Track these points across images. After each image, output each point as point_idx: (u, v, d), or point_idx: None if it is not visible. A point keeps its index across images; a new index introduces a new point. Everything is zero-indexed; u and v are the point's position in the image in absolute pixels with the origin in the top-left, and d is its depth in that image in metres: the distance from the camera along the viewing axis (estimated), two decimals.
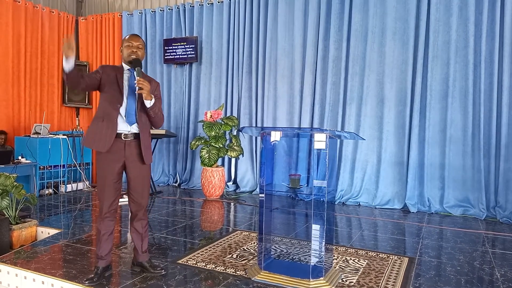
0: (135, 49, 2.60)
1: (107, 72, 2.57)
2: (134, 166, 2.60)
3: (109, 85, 2.54)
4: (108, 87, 2.54)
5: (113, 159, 2.55)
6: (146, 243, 2.77)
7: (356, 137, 2.87)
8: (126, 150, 2.56)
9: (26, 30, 6.32)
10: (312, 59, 5.56)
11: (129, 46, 2.59)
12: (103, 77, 2.55)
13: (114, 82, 2.56)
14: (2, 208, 3.65)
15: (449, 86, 4.86)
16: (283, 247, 3.36)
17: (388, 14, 5.12)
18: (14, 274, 2.85)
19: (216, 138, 5.50)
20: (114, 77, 2.56)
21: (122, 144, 2.55)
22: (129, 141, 2.57)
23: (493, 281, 2.77)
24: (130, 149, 2.57)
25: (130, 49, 2.59)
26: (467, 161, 4.82)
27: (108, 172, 2.55)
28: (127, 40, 2.62)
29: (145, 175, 2.67)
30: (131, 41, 2.61)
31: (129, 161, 2.58)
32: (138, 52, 2.60)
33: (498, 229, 4.22)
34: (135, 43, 2.61)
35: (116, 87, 2.55)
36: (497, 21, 4.60)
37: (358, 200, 5.30)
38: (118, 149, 2.54)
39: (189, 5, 6.50)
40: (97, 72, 2.56)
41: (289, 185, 2.83)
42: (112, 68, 2.63)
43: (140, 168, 2.62)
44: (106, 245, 2.66)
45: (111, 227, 2.66)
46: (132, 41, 2.61)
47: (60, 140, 5.99)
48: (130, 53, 2.58)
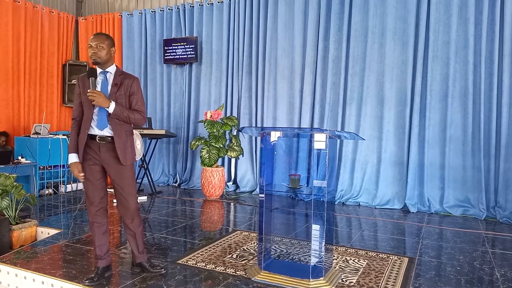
0: (95, 50, 2.49)
1: (82, 83, 2.56)
2: (113, 168, 2.59)
3: (84, 96, 2.52)
4: (84, 97, 2.52)
5: (90, 160, 2.56)
6: (141, 243, 2.75)
7: (356, 137, 2.87)
8: (101, 153, 2.56)
9: (26, 30, 6.32)
10: (312, 59, 5.56)
11: (89, 47, 2.51)
12: (81, 91, 2.55)
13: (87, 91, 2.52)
14: (2, 208, 3.65)
15: (449, 86, 4.86)
16: (283, 247, 3.36)
17: (388, 14, 5.12)
18: (14, 274, 2.85)
19: (216, 138, 5.50)
20: (88, 86, 2.51)
21: (97, 147, 2.55)
22: (103, 143, 2.55)
23: (493, 281, 2.77)
24: (105, 151, 2.56)
25: (90, 51, 2.51)
26: (467, 161, 4.82)
27: (88, 174, 2.58)
28: (89, 41, 2.53)
29: (125, 176, 2.61)
30: (90, 42, 2.52)
31: (106, 164, 2.59)
32: (98, 53, 2.49)
33: (498, 229, 4.22)
34: (94, 42, 2.49)
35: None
36: (497, 21, 4.60)
37: (358, 200, 5.30)
38: (93, 152, 2.55)
39: (189, 5, 6.50)
40: (77, 88, 2.58)
41: (289, 185, 2.83)
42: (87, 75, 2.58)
43: (118, 170, 2.59)
44: (102, 242, 2.66)
45: (104, 220, 2.67)
46: (92, 41, 2.51)
47: (60, 140, 5.99)
48: (91, 55, 2.51)
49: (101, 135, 2.55)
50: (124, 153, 2.58)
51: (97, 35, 2.55)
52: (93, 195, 2.61)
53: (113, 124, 2.54)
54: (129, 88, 2.60)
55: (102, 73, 2.58)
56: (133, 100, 2.62)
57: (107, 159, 2.57)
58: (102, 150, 2.56)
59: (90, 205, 2.63)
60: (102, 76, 2.57)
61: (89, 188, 2.60)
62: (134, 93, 2.61)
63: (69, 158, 2.56)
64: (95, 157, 2.56)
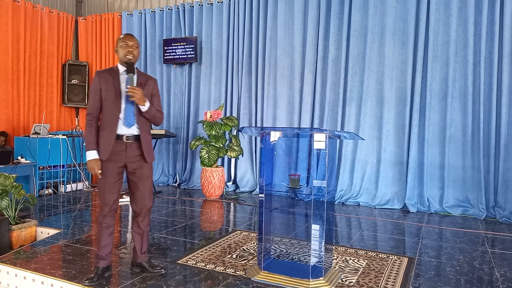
0: (131, 48, 2.60)
1: (105, 79, 2.57)
2: (136, 166, 2.63)
3: (108, 93, 2.55)
4: (107, 94, 2.55)
5: (114, 161, 2.56)
6: (146, 243, 2.78)
7: (356, 137, 2.87)
8: (128, 151, 2.59)
9: (26, 30, 6.32)
10: (312, 59, 5.56)
11: (124, 45, 2.59)
12: (102, 87, 2.56)
13: (111, 87, 2.56)
14: (1, 208, 3.65)
15: (449, 86, 4.87)
16: (282, 247, 3.36)
17: (388, 14, 5.12)
18: (14, 274, 2.85)
19: (216, 138, 5.50)
20: (111, 83, 2.56)
21: (124, 146, 2.58)
22: (130, 143, 2.59)
23: (492, 281, 2.78)
24: (131, 150, 2.60)
25: (126, 49, 2.59)
26: (466, 161, 4.82)
27: (109, 174, 2.57)
28: (122, 40, 2.62)
29: (148, 174, 2.68)
30: (126, 41, 2.60)
31: (130, 162, 2.61)
32: (134, 52, 2.60)
33: (498, 229, 4.22)
34: (130, 42, 2.61)
35: (113, 94, 2.55)
36: (497, 21, 4.61)
37: (358, 200, 5.30)
38: (119, 151, 2.57)
39: (189, 5, 6.50)
40: (96, 84, 2.57)
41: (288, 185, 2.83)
42: (108, 72, 2.62)
43: (142, 168, 2.65)
44: (107, 243, 2.66)
45: (112, 222, 2.68)
46: (127, 40, 2.61)
47: (59, 140, 5.99)
48: (126, 53, 2.58)
49: (128, 134, 2.58)
50: (148, 151, 2.66)
51: (130, 35, 2.67)
52: (109, 196, 2.59)
53: (140, 123, 2.61)
54: (152, 89, 2.71)
55: (126, 71, 2.61)
56: (154, 100, 2.71)
57: (133, 157, 2.61)
58: (129, 149, 2.59)
59: (104, 206, 2.61)
60: (126, 75, 2.61)
61: (107, 188, 2.58)
62: (155, 94, 2.73)
63: (88, 154, 2.54)
64: (120, 156, 2.57)
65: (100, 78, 2.58)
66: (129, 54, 2.58)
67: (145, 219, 2.72)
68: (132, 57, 2.59)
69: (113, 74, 2.60)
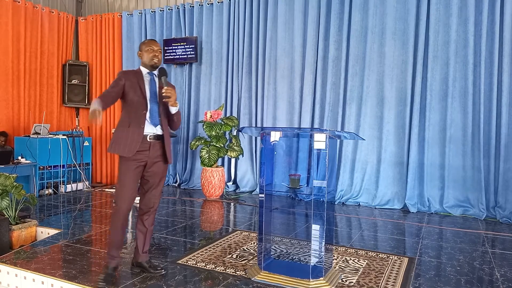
0: (156, 53, 2.68)
1: (130, 79, 2.62)
2: (156, 165, 2.67)
3: (132, 92, 2.60)
4: (131, 93, 2.60)
5: (138, 160, 2.60)
6: (148, 243, 2.79)
7: (356, 137, 2.87)
8: (151, 151, 2.63)
9: (26, 30, 6.32)
10: (312, 59, 5.56)
11: (150, 50, 2.67)
12: (126, 84, 2.60)
13: (137, 88, 2.62)
14: (2, 208, 3.65)
15: (449, 86, 4.87)
16: (283, 247, 3.36)
17: (388, 14, 5.12)
18: (14, 274, 2.85)
19: (216, 138, 5.50)
20: (136, 83, 2.62)
21: (147, 145, 2.61)
22: (153, 142, 2.64)
23: (493, 281, 2.77)
24: (154, 150, 2.64)
25: (152, 53, 2.67)
26: (467, 161, 4.82)
27: (132, 174, 2.60)
28: (148, 45, 2.69)
29: (163, 175, 2.75)
30: (152, 46, 2.68)
31: (151, 161, 2.64)
32: (159, 56, 2.70)
33: (498, 229, 4.22)
34: (156, 47, 2.69)
35: (139, 93, 2.61)
36: (497, 21, 4.60)
37: (358, 200, 5.30)
38: (143, 150, 2.60)
39: (189, 5, 6.50)
40: (119, 80, 2.60)
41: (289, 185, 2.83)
42: (132, 73, 2.68)
43: (160, 167, 2.70)
44: (121, 242, 2.68)
45: (127, 222, 2.72)
46: (153, 45, 2.69)
47: (60, 140, 5.99)
48: (152, 57, 2.66)
49: (153, 134, 2.63)
50: (169, 152, 2.72)
51: (154, 40, 2.75)
52: (131, 195, 2.60)
53: (163, 124, 2.68)
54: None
55: (149, 74, 2.71)
56: None
57: (155, 157, 2.65)
58: (152, 148, 2.63)
59: (122, 204, 2.59)
60: (149, 77, 2.70)
61: (130, 187, 2.60)
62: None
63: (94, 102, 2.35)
64: (143, 155, 2.60)
65: (124, 74, 2.65)
66: (155, 58, 2.67)
67: (150, 217, 2.76)
68: (157, 60, 2.68)
69: (137, 75, 2.67)
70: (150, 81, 2.68)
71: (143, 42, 2.75)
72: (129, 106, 2.62)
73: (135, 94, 2.60)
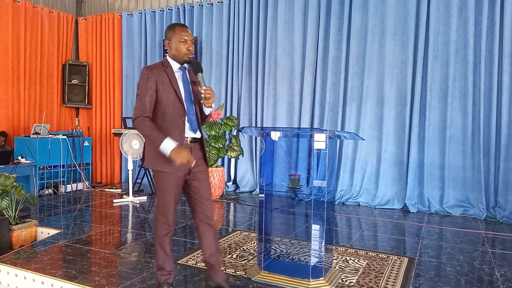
0: (191, 47, 2.26)
1: (160, 79, 2.21)
2: (199, 170, 2.34)
3: (165, 95, 2.21)
4: (165, 97, 2.21)
5: (180, 170, 2.24)
6: (221, 256, 2.46)
7: (356, 137, 2.87)
8: (192, 155, 2.27)
9: (26, 30, 6.31)
10: (312, 59, 5.56)
11: (184, 41, 2.23)
12: (159, 87, 2.20)
13: (170, 89, 2.22)
14: (2, 208, 3.65)
15: (449, 86, 4.87)
16: (283, 247, 3.36)
17: (388, 14, 5.12)
18: (14, 274, 2.85)
19: (216, 138, 5.50)
20: (169, 83, 2.22)
21: (188, 149, 2.25)
22: (193, 145, 2.32)
23: (493, 281, 2.77)
24: (194, 153, 2.31)
25: (185, 45, 2.24)
26: (467, 161, 4.82)
27: (175, 185, 2.27)
28: (179, 34, 2.23)
29: (208, 178, 2.42)
30: (186, 35, 2.23)
31: (195, 167, 2.31)
32: (192, 48, 2.27)
33: (498, 229, 4.22)
34: (189, 37, 2.25)
35: (174, 96, 2.22)
36: (497, 21, 4.60)
37: (358, 200, 5.30)
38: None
39: (189, 5, 6.50)
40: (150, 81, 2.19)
41: (289, 185, 2.83)
42: (161, 70, 2.24)
43: (204, 172, 2.38)
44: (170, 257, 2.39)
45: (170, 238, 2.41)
46: (186, 35, 2.23)
47: (60, 140, 5.99)
48: (187, 51, 2.24)
49: (191, 138, 2.30)
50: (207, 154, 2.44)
51: (186, 28, 2.28)
52: (172, 210, 2.30)
53: (201, 127, 2.38)
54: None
55: (181, 69, 2.31)
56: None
57: (197, 161, 2.33)
58: (193, 152, 2.30)
59: (166, 221, 2.29)
60: (181, 73, 2.30)
61: (173, 200, 2.28)
62: None
63: (166, 145, 2.10)
64: (185, 166, 2.23)
65: (155, 76, 2.20)
66: (189, 53, 2.25)
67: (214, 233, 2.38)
68: (191, 54, 2.26)
69: (167, 71, 2.24)
70: (182, 79, 2.27)
71: (172, 29, 2.25)
72: (163, 112, 2.21)
73: (169, 98, 2.20)
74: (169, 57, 2.30)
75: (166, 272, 2.39)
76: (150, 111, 2.20)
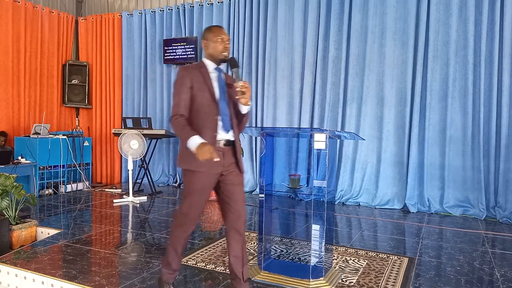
0: (227, 44, 2.28)
1: (196, 78, 2.21)
2: (233, 174, 2.28)
3: (200, 94, 2.20)
4: (199, 96, 2.20)
5: (211, 173, 2.21)
6: (246, 268, 2.32)
7: (356, 137, 2.87)
8: (225, 159, 2.24)
9: (26, 30, 6.32)
10: (312, 59, 5.56)
11: (220, 40, 2.25)
12: (194, 85, 2.20)
13: (205, 89, 2.21)
14: (2, 208, 3.65)
15: (449, 86, 4.87)
16: (283, 247, 3.36)
17: (388, 14, 5.12)
18: (14, 274, 2.85)
19: None
20: (204, 83, 2.22)
21: (221, 153, 2.21)
22: (226, 149, 2.25)
23: (493, 281, 2.77)
24: (227, 157, 2.26)
25: (223, 45, 2.26)
26: (467, 161, 4.82)
27: (205, 186, 2.23)
28: (217, 34, 2.26)
29: (242, 182, 2.34)
30: (222, 35, 2.26)
31: (227, 171, 2.25)
32: (229, 48, 2.31)
33: (498, 229, 4.22)
34: (226, 37, 2.28)
35: (208, 95, 2.21)
36: (497, 21, 4.61)
37: (358, 200, 5.30)
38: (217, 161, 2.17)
39: (189, 5, 6.50)
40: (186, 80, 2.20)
41: (289, 185, 2.83)
42: (197, 70, 2.25)
43: (238, 177, 2.30)
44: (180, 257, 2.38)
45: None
46: (223, 35, 2.27)
47: (60, 140, 5.99)
48: (223, 50, 2.26)
49: (224, 140, 2.24)
50: (241, 160, 2.36)
51: (222, 29, 2.31)
52: (198, 212, 2.27)
53: (235, 128, 2.30)
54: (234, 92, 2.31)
55: (217, 69, 2.31)
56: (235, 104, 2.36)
57: (229, 165, 2.26)
58: (226, 156, 2.24)
59: (189, 222, 2.25)
60: (216, 73, 2.29)
61: (200, 201, 2.25)
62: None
63: (193, 141, 2.06)
64: (218, 165, 2.18)
65: (190, 74, 2.21)
66: (226, 51, 2.27)
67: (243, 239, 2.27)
68: (228, 53, 2.29)
69: (202, 71, 2.25)
70: (218, 79, 2.27)
71: (210, 30, 2.29)
72: (197, 111, 2.20)
73: (203, 97, 2.20)
74: (205, 58, 2.34)
75: (171, 270, 2.35)
76: (184, 109, 2.20)
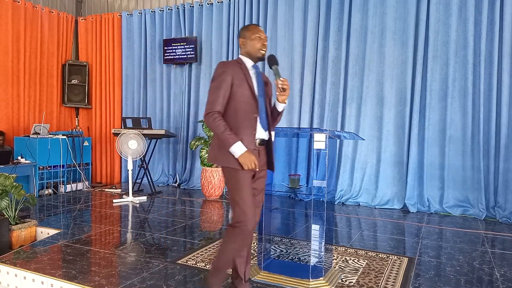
0: (265, 42, 2.27)
1: (235, 73, 2.18)
2: (263, 175, 2.29)
3: (240, 90, 2.17)
4: (239, 92, 2.17)
5: (251, 171, 2.16)
6: (249, 269, 2.36)
7: (356, 137, 2.87)
8: (260, 158, 2.23)
9: (26, 30, 6.32)
10: (312, 59, 5.56)
11: (258, 38, 2.24)
12: (235, 82, 2.16)
13: (245, 85, 2.18)
14: (1, 208, 3.65)
15: (449, 86, 4.87)
16: (282, 247, 3.36)
17: (388, 14, 5.12)
18: (14, 274, 2.85)
19: None
20: (244, 79, 2.18)
21: (257, 152, 2.20)
22: (261, 148, 2.25)
23: (492, 281, 2.77)
24: (262, 157, 2.25)
25: (260, 43, 2.24)
26: (466, 161, 4.82)
27: (247, 184, 2.16)
28: (254, 32, 2.25)
29: (264, 189, 2.35)
30: (259, 33, 2.25)
31: (259, 170, 2.24)
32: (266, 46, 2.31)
33: (498, 229, 4.22)
34: (263, 35, 2.27)
35: (248, 92, 2.18)
36: (497, 21, 4.61)
37: (358, 200, 5.30)
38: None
39: (189, 5, 6.50)
40: (225, 75, 2.17)
41: (288, 185, 2.83)
42: (237, 66, 2.22)
43: (264, 177, 2.30)
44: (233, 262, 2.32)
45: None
46: (261, 33, 2.26)
47: (59, 140, 5.99)
48: (262, 47, 2.24)
49: (260, 139, 2.22)
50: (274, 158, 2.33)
51: (259, 27, 2.31)
52: (253, 209, 2.17)
53: (271, 125, 2.30)
54: (270, 90, 2.34)
55: (254, 67, 2.29)
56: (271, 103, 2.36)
57: (263, 165, 2.26)
58: (261, 155, 2.24)
59: (247, 220, 2.13)
60: (254, 71, 2.28)
61: (251, 199, 2.16)
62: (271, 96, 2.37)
63: (237, 148, 2.06)
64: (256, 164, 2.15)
65: (231, 71, 2.18)
66: (264, 49, 2.26)
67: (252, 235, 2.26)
68: (265, 51, 2.28)
69: (241, 68, 2.22)
70: (256, 76, 2.25)
71: (247, 29, 2.28)
72: (236, 108, 2.16)
73: (243, 93, 2.16)
74: (242, 55, 2.31)
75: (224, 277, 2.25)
76: (222, 106, 2.15)
